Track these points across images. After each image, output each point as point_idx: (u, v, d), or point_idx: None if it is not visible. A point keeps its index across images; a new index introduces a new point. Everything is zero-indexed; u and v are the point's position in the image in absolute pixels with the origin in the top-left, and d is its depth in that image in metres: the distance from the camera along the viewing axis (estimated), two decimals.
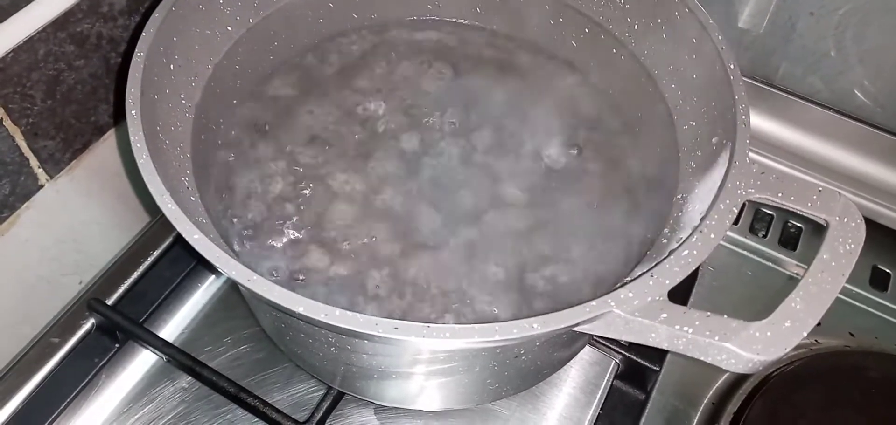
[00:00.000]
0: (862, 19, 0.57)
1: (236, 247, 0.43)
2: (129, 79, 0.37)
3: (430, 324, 0.30)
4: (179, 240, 0.32)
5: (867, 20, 0.57)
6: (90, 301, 0.50)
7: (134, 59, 0.38)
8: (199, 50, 0.44)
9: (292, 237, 0.44)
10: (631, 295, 0.33)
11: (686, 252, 0.34)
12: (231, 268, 0.32)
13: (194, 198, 0.38)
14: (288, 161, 0.47)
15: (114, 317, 0.49)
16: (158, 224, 0.55)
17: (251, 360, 0.50)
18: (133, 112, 0.36)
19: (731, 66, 0.41)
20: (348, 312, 0.30)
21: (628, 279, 0.34)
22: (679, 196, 0.41)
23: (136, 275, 0.52)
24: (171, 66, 0.42)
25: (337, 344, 0.39)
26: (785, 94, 0.64)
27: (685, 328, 0.32)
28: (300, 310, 0.30)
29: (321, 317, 0.30)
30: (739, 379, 0.50)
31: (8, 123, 0.45)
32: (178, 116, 0.42)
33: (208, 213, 0.38)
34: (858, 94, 0.61)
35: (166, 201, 0.33)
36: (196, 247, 0.32)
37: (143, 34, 0.39)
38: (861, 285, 0.56)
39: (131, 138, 0.35)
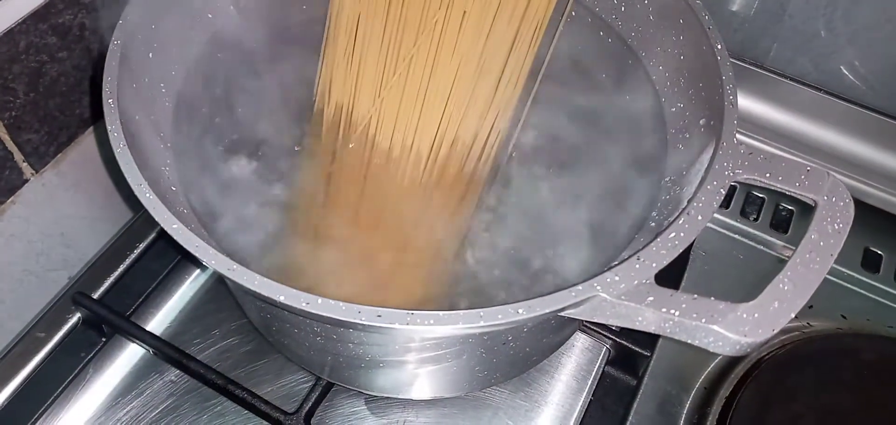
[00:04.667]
0: None
1: (220, 237, 0.42)
2: (106, 67, 0.37)
3: (414, 311, 0.30)
4: (164, 232, 0.32)
5: None
6: (76, 295, 0.49)
7: (111, 47, 0.38)
8: (179, 37, 0.44)
9: (278, 224, 0.44)
10: (617, 278, 0.32)
11: (673, 234, 0.34)
12: (211, 257, 0.31)
13: (175, 188, 0.38)
14: (272, 149, 0.47)
15: (100, 310, 0.49)
16: (144, 217, 0.55)
17: (240, 352, 0.50)
18: (110, 101, 0.35)
19: (719, 47, 0.40)
20: (330, 300, 0.30)
21: (615, 262, 0.34)
22: (667, 178, 0.41)
23: (122, 268, 0.52)
24: (150, 55, 0.41)
25: (323, 334, 0.39)
26: (775, 76, 0.63)
27: (672, 311, 0.32)
28: (281, 298, 0.30)
29: (302, 306, 0.30)
30: (731, 363, 0.50)
31: None
32: (159, 105, 0.41)
33: (190, 203, 0.37)
34: (848, 74, 0.61)
35: (144, 191, 0.33)
36: (175, 237, 0.32)
37: (120, 22, 0.39)
38: (853, 267, 0.56)
39: (108, 127, 0.34)
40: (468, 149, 0.45)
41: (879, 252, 0.57)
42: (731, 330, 0.31)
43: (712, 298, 0.32)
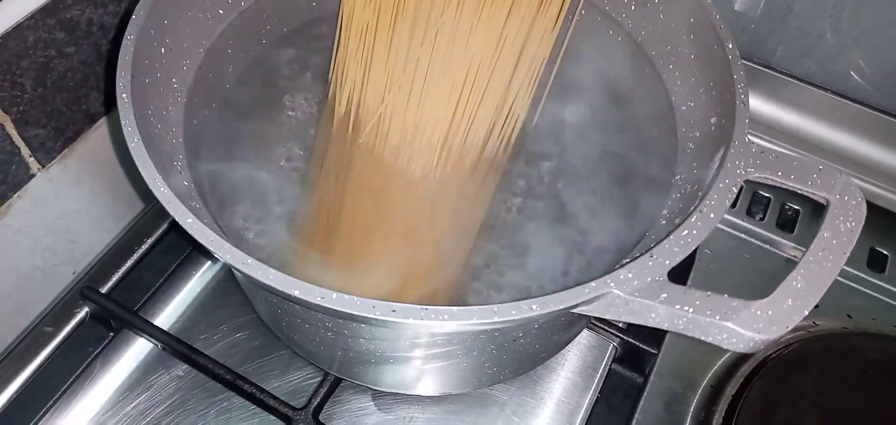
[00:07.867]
0: None
1: (231, 231, 0.42)
2: (120, 62, 0.37)
3: (428, 306, 0.30)
4: (174, 226, 0.32)
5: None
6: (84, 289, 0.49)
7: (124, 41, 0.37)
8: (190, 33, 0.44)
9: (289, 218, 0.44)
10: (630, 275, 0.32)
11: (686, 232, 0.34)
12: (225, 251, 0.31)
13: (187, 183, 0.38)
14: (281, 145, 0.47)
15: (108, 305, 0.49)
16: (153, 211, 0.55)
17: (248, 347, 0.50)
18: (124, 95, 0.35)
19: (729, 46, 0.40)
20: (345, 295, 0.30)
21: (627, 260, 0.34)
22: (678, 176, 0.41)
23: (130, 262, 0.52)
24: (163, 50, 0.41)
25: (334, 329, 0.39)
26: (782, 76, 0.63)
27: (685, 308, 0.32)
28: (296, 293, 0.30)
29: (317, 300, 0.30)
30: (738, 362, 0.50)
31: None
32: (170, 100, 0.41)
33: (201, 198, 0.37)
34: (854, 76, 0.61)
35: (159, 185, 0.33)
36: (189, 231, 0.32)
37: (134, 17, 0.39)
38: (859, 267, 0.56)
39: (122, 122, 0.34)
40: (482, 145, 0.45)
41: (885, 252, 0.57)
42: (744, 326, 0.31)
43: (726, 295, 0.32)
